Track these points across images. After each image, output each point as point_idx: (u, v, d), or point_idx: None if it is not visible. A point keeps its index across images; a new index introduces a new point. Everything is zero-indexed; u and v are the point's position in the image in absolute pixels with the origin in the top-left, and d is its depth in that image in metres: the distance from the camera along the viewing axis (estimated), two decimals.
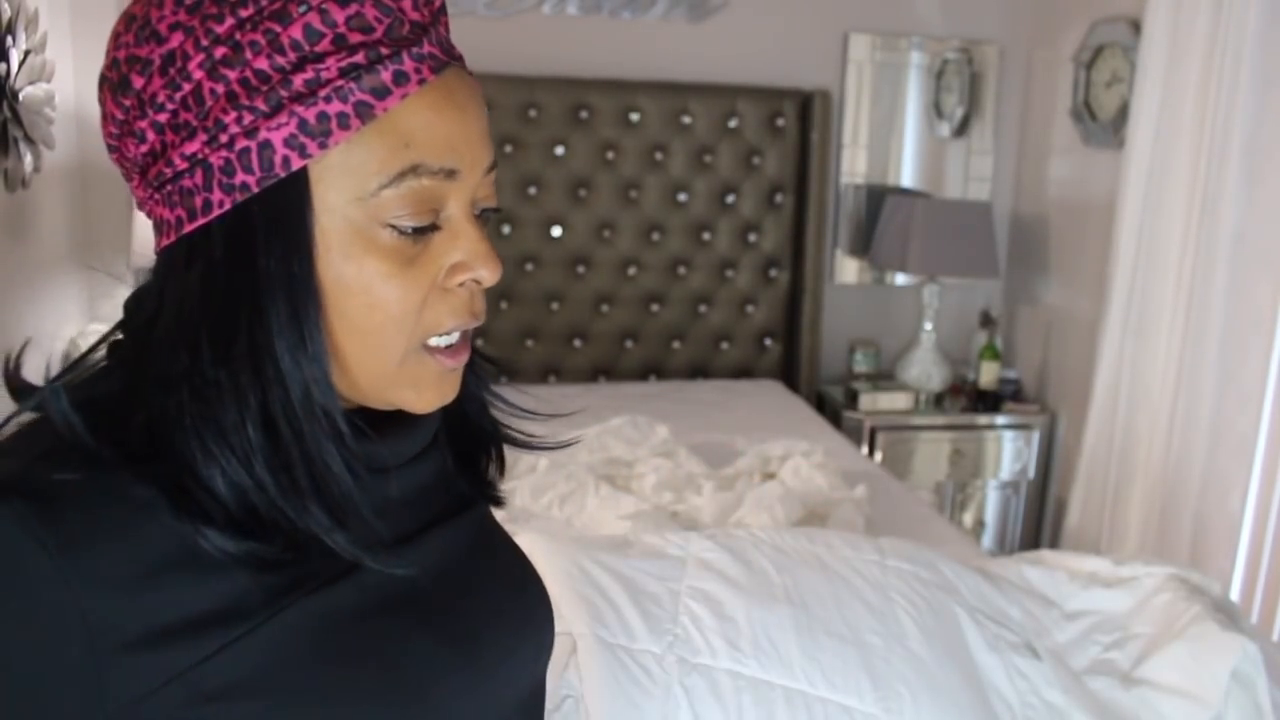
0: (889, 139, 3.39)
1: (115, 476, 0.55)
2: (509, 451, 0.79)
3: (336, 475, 0.59)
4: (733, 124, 3.17)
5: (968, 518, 3.30)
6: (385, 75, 0.57)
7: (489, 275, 0.62)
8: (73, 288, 2.97)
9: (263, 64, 0.55)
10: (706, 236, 3.24)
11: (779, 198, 3.26)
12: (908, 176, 3.42)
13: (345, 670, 0.60)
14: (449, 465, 0.74)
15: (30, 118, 2.55)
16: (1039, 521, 3.35)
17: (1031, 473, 3.26)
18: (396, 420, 0.67)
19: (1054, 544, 3.18)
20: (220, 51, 0.55)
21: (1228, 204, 2.42)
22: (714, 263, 3.26)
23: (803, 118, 3.21)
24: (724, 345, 3.32)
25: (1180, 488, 2.57)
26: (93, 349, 0.63)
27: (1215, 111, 2.43)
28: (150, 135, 0.58)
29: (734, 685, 1.30)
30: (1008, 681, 1.59)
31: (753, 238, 3.27)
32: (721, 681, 1.30)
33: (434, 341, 0.62)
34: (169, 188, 0.58)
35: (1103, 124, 3.00)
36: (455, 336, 0.63)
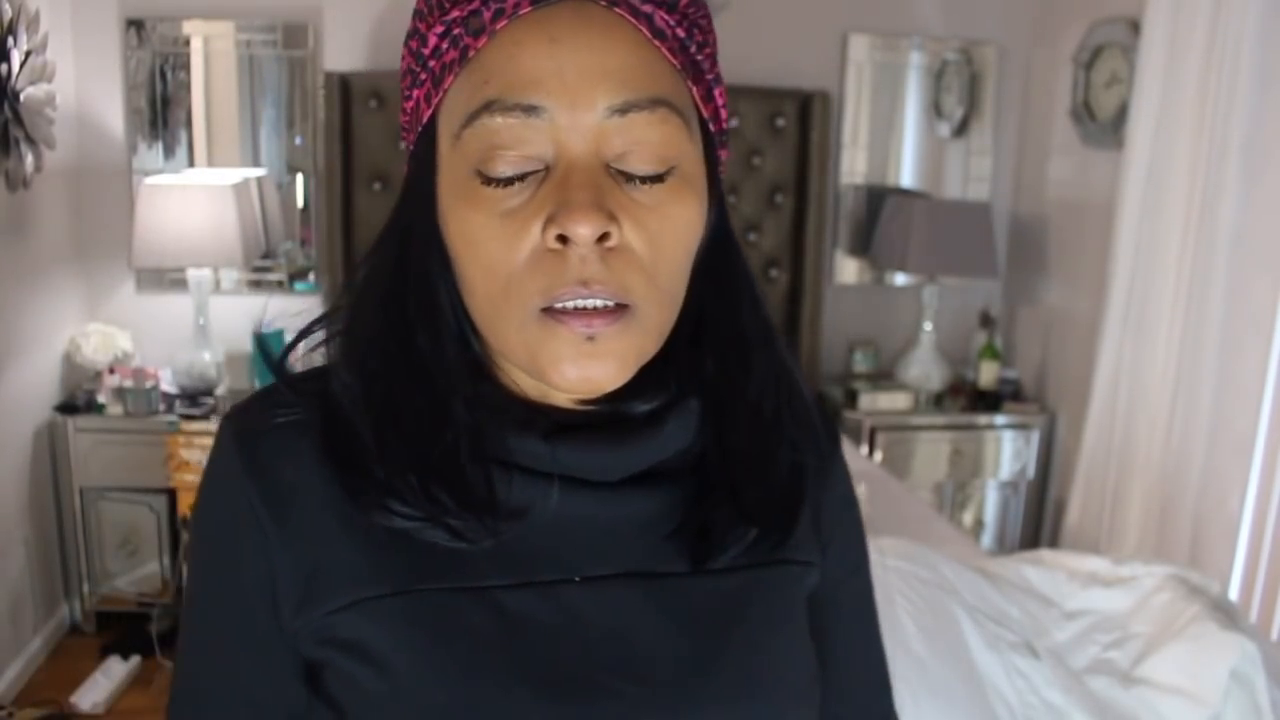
0: (889, 139, 3.39)
1: (307, 415, 0.61)
2: None
3: (448, 444, 0.58)
4: (733, 124, 3.17)
5: (967, 517, 3.30)
6: (486, 14, 0.54)
7: (576, 229, 0.51)
8: (73, 287, 2.98)
9: (421, 24, 0.57)
10: None
11: (779, 198, 3.26)
12: (907, 177, 3.42)
13: (427, 679, 0.57)
14: (692, 517, 0.61)
15: (31, 118, 2.56)
16: (1038, 521, 3.35)
17: (1031, 472, 3.26)
18: (611, 431, 0.60)
19: (1053, 544, 3.18)
20: (412, 24, 0.58)
21: (1226, 204, 2.42)
22: None
23: (803, 118, 3.21)
24: None
25: (1179, 487, 2.57)
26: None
27: (1214, 112, 2.43)
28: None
29: None
30: (1007, 681, 1.59)
31: (753, 237, 3.28)
32: None
33: (561, 304, 0.54)
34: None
35: (1102, 124, 3.00)
36: (587, 301, 0.54)
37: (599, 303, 0.53)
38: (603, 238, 0.53)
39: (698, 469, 0.62)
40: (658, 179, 0.54)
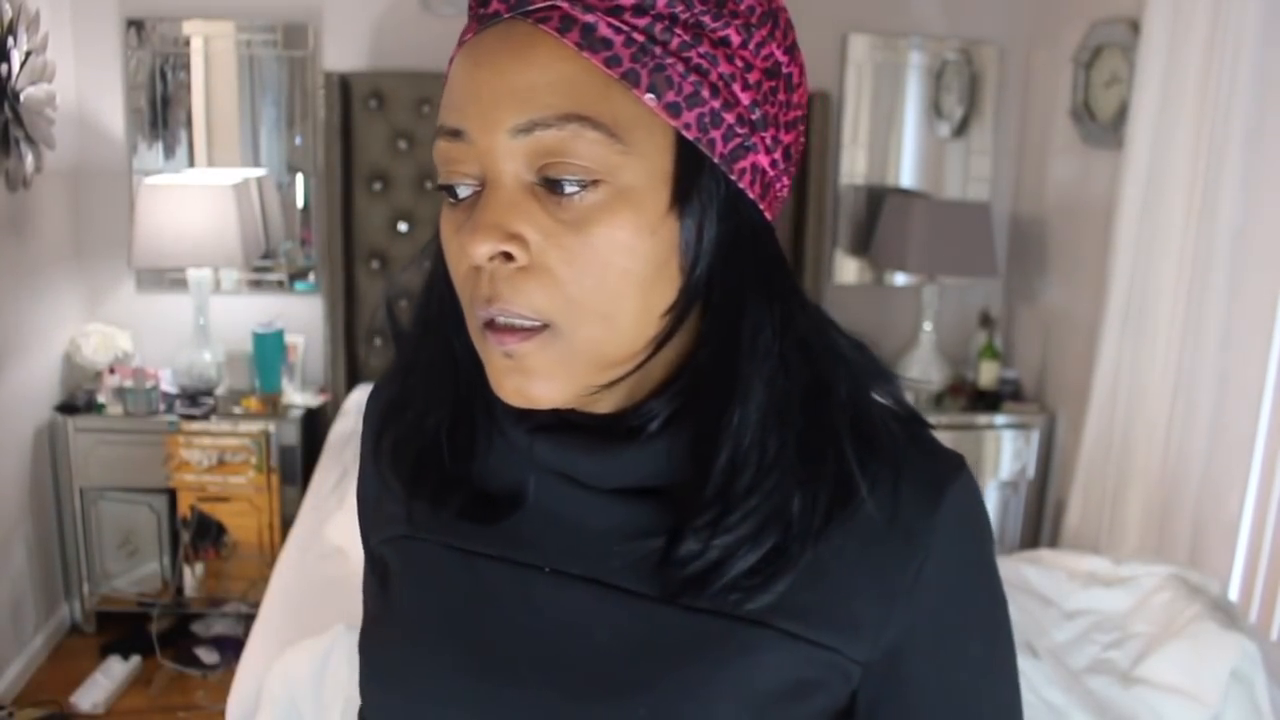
0: (888, 139, 3.39)
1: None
2: None
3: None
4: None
5: None
6: (460, 43, 0.58)
7: (471, 249, 0.53)
8: (73, 287, 2.98)
9: None
10: None
11: None
12: (907, 177, 3.42)
13: (399, 613, 0.66)
14: (664, 544, 0.58)
15: (31, 118, 2.56)
16: (1038, 521, 3.35)
17: (1031, 472, 3.26)
18: (589, 436, 0.60)
19: (1053, 543, 3.18)
20: None
21: (1227, 204, 2.42)
22: None
23: None
24: None
25: (1179, 487, 2.57)
26: None
27: (1214, 111, 2.43)
28: None
29: None
30: None
31: None
32: None
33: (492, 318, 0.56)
34: None
35: (1102, 124, 3.00)
36: (505, 319, 0.55)
37: (514, 321, 0.54)
38: (509, 258, 0.53)
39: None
40: (582, 195, 0.53)
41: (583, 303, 0.54)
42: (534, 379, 0.55)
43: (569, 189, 0.53)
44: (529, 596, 0.62)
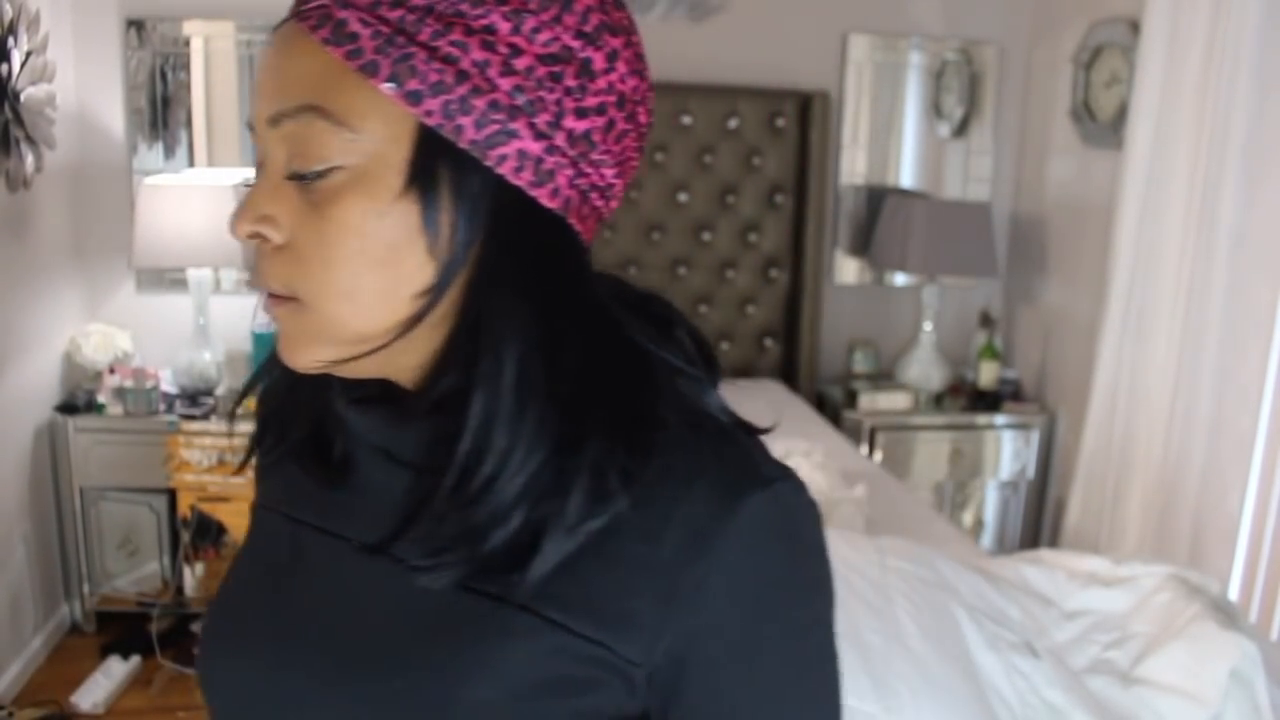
0: (889, 139, 3.39)
1: None
2: None
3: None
4: (732, 124, 3.18)
5: (967, 517, 3.30)
6: None
7: (231, 229, 0.60)
8: (73, 287, 2.98)
9: None
10: (706, 236, 3.25)
11: (779, 198, 3.26)
12: (907, 177, 3.42)
13: (229, 577, 0.71)
14: (434, 509, 0.58)
15: (32, 118, 2.56)
16: (1038, 521, 3.35)
17: (1031, 472, 3.26)
18: (383, 408, 0.63)
19: (1053, 543, 3.18)
20: None
21: (1226, 204, 2.42)
22: (714, 263, 3.27)
23: (802, 118, 3.21)
24: (724, 345, 3.33)
25: (1179, 487, 2.57)
26: None
27: (1214, 112, 2.43)
28: None
29: None
30: (1007, 681, 1.59)
31: (752, 238, 3.28)
32: None
33: None
34: None
35: (1102, 124, 3.00)
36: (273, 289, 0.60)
37: (274, 290, 0.60)
38: (265, 238, 0.59)
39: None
40: (323, 180, 0.56)
41: (325, 281, 0.58)
42: (290, 344, 0.62)
43: (309, 175, 0.57)
44: (337, 568, 0.64)
